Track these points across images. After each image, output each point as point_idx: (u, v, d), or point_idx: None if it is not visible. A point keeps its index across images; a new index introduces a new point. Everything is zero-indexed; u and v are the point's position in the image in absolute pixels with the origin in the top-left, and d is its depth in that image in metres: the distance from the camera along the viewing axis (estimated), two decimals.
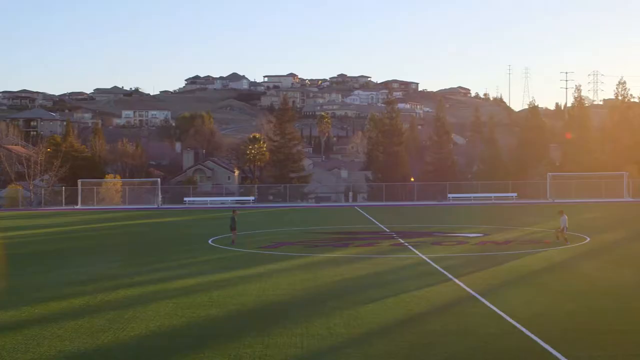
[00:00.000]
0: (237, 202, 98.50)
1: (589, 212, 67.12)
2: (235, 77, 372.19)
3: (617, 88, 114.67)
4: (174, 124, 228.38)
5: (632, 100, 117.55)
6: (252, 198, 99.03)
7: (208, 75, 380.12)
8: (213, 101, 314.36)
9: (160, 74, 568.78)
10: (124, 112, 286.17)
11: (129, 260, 34.05)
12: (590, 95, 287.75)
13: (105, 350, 16.52)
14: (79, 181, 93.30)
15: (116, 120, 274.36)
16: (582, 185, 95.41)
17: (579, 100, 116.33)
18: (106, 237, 49.23)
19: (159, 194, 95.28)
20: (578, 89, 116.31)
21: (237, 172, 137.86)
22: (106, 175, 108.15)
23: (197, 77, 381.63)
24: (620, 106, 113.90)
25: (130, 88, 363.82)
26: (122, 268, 31.07)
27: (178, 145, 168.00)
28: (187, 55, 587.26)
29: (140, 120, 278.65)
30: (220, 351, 16.15)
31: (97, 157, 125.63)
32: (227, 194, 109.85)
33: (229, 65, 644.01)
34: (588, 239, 40.16)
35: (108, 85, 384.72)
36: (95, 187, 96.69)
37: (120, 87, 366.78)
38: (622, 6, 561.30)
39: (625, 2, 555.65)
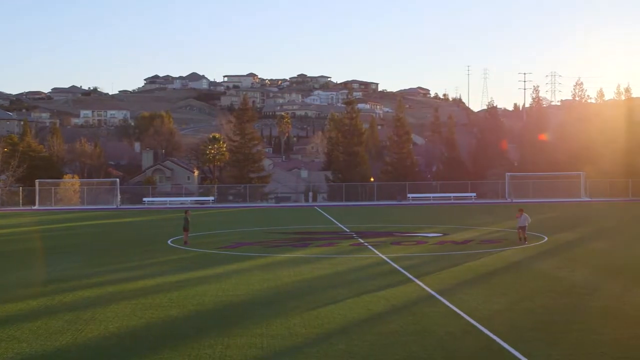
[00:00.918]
0: (197, 202, 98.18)
1: (547, 212, 67.78)
2: (194, 76, 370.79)
3: (574, 89, 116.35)
4: (132, 124, 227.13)
5: (589, 100, 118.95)
6: (211, 198, 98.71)
7: (167, 75, 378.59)
8: (172, 101, 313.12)
9: (119, 74, 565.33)
10: (82, 112, 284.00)
11: (87, 261, 33.77)
12: (548, 96, 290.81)
13: (63, 351, 16.36)
14: (37, 181, 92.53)
15: (74, 120, 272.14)
16: (540, 185, 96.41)
17: (537, 100, 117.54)
18: (64, 238, 48.77)
19: (118, 194, 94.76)
20: (536, 89, 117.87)
21: (196, 172, 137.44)
22: (64, 176, 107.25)
23: (156, 76, 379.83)
24: (577, 107, 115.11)
25: (89, 87, 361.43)
26: (81, 269, 30.80)
27: (137, 145, 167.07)
28: (146, 55, 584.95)
29: (98, 119, 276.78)
30: (180, 352, 16.07)
31: (55, 157, 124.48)
32: (187, 194, 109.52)
33: (188, 64, 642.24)
34: (546, 239, 40.55)
35: (66, 84, 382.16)
36: (53, 188, 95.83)
37: (79, 86, 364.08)
38: (580, 8, 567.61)
39: (582, 4, 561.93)
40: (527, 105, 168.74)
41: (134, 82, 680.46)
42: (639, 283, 25.00)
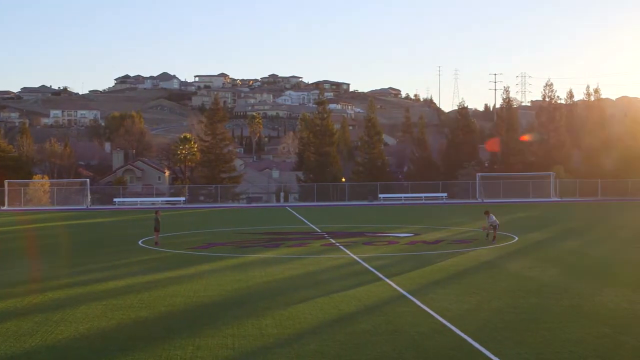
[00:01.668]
0: (168, 202, 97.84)
1: (517, 212, 68.16)
2: (165, 76, 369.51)
3: (544, 90, 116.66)
4: (103, 124, 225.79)
5: (558, 101, 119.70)
6: (182, 199, 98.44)
7: (138, 75, 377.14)
8: (143, 101, 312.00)
9: (89, 73, 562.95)
10: (52, 112, 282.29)
11: (57, 262, 33.57)
12: (519, 97, 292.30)
13: (33, 353, 16.24)
14: (6, 182, 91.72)
15: (44, 120, 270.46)
16: (511, 186, 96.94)
17: (508, 101, 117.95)
18: (34, 239, 48.36)
19: (88, 194, 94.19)
20: (506, 90, 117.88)
21: (167, 173, 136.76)
22: (34, 176, 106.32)
23: (127, 76, 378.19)
24: (547, 107, 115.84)
25: (59, 87, 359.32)
26: (51, 270, 30.61)
27: (107, 146, 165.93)
28: (117, 55, 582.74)
29: (69, 119, 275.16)
30: (150, 353, 16.02)
31: (24, 157, 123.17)
32: (158, 195, 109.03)
33: (159, 64, 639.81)
34: (516, 239, 40.79)
35: (36, 84, 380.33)
36: (22, 188, 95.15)
37: (49, 86, 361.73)
38: (550, 10, 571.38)
39: (552, 6, 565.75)
40: (497, 105, 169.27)
41: (105, 82, 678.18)
42: (608, 282, 25.20)
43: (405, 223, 56.11)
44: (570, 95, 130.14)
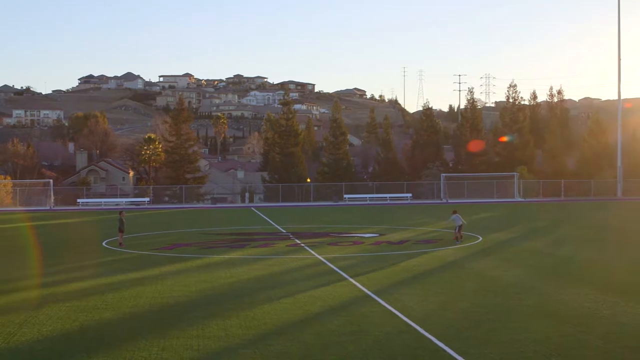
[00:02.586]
0: (132, 203, 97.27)
1: (481, 212, 68.54)
2: (130, 76, 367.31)
3: (508, 91, 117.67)
4: (66, 124, 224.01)
5: (522, 102, 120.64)
6: (147, 199, 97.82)
7: (102, 75, 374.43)
8: (107, 101, 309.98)
9: (52, 73, 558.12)
10: (15, 112, 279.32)
11: (20, 263, 33.23)
12: (483, 98, 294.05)
13: None
14: None
15: (6, 120, 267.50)
16: (475, 186, 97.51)
17: (472, 102, 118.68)
18: None
19: (52, 195, 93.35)
20: (470, 91, 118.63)
21: (131, 173, 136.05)
22: None
23: (90, 76, 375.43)
24: (511, 108, 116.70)
25: (22, 87, 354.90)
26: (13, 271, 30.31)
27: (71, 146, 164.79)
28: (81, 54, 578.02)
29: (31, 119, 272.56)
30: (114, 354, 15.93)
31: None
32: (122, 195, 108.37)
33: (123, 64, 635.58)
34: (480, 239, 41.03)
35: None
36: None
37: (11, 85, 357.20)
38: (514, 11, 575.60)
39: (516, 8, 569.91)
40: (462, 106, 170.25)
41: (68, 82, 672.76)
42: (571, 282, 25.43)
43: (370, 223, 56.23)
44: (534, 96, 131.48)
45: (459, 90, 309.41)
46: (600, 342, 16.61)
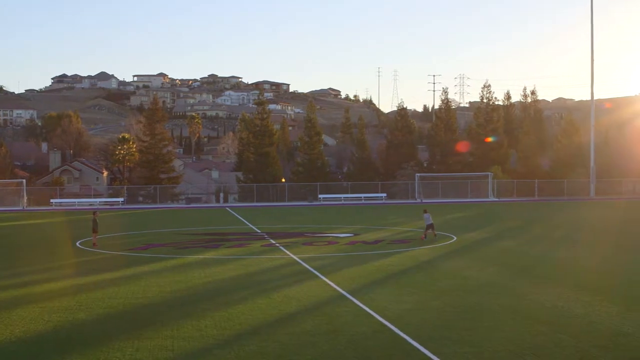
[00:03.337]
0: (106, 203, 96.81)
1: (456, 212, 68.81)
2: (103, 76, 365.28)
3: (482, 91, 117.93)
4: (40, 124, 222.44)
5: (496, 103, 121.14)
6: (121, 199, 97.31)
7: (76, 74, 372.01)
8: (81, 100, 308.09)
9: (25, 72, 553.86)
10: None
11: None
12: (457, 98, 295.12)
13: None
14: None
15: None
16: (449, 186, 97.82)
17: (446, 102, 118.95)
18: None
19: (25, 195, 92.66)
20: (445, 91, 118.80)
21: (105, 173, 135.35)
22: None
23: (64, 75, 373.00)
24: (485, 108, 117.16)
25: None
26: None
27: (44, 146, 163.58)
28: (54, 53, 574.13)
29: (4, 119, 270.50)
30: (88, 356, 15.86)
31: None
32: (96, 195, 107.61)
33: (97, 64, 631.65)
34: (455, 238, 41.19)
35: None
36: None
37: None
38: (488, 12, 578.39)
39: (490, 9, 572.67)
40: (436, 106, 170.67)
41: (42, 81, 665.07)
42: (543, 281, 25.58)
43: (345, 223, 56.28)
44: (508, 96, 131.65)
45: (434, 91, 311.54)
46: (573, 341, 16.74)
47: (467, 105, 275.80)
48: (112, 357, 15.65)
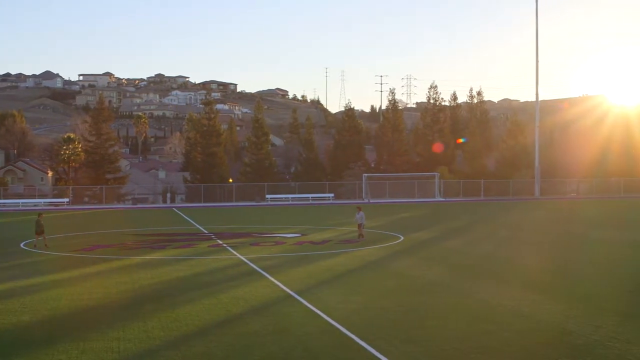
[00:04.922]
0: (51, 204, 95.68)
1: (403, 212, 69.20)
2: (48, 75, 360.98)
3: (429, 92, 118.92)
4: None
5: (442, 103, 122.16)
6: (66, 200, 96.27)
7: (20, 73, 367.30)
8: (25, 100, 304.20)
9: None
10: None
11: None
12: (404, 99, 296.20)
13: None
14: None
15: None
16: (396, 186, 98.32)
17: (393, 103, 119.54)
18: None
19: None
20: (392, 92, 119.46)
21: (50, 173, 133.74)
22: None
23: (7, 74, 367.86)
24: (431, 109, 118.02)
25: None
26: None
27: None
28: None
29: None
30: (33, 358, 15.67)
31: None
32: (40, 196, 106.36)
33: (42, 62, 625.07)
34: (402, 238, 41.41)
35: None
36: None
37: None
38: (433, 12, 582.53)
39: (437, 10, 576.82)
40: (383, 107, 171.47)
41: None
42: (490, 280, 25.82)
43: (292, 223, 56.29)
44: (454, 97, 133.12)
45: (381, 91, 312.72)
46: (521, 339, 16.92)
47: (414, 105, 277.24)
48: None
